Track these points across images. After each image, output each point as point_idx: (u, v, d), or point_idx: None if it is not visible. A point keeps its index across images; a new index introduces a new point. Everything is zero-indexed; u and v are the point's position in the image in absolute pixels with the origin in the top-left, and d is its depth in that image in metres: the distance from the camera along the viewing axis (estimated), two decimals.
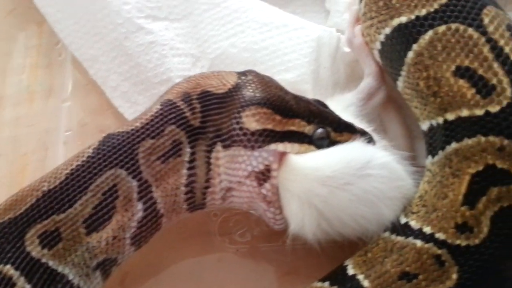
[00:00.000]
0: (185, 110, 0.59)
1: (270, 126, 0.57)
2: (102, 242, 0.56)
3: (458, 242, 0.52)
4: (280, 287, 0.67)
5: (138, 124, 0.58)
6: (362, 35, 0.67)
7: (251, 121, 0.57)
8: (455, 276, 0.52)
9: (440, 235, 0.53)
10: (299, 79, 0.71)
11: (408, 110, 0.63)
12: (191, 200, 0.60)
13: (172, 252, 0.68)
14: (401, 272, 0.54)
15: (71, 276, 0.55)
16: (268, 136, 0.57)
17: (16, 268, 0.53)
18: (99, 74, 0.74)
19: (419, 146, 0.67)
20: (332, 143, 0.59)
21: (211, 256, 0.69)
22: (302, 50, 0.71)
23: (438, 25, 0.55)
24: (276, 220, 0.61)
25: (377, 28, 0.62)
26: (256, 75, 0.62)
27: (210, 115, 0.59)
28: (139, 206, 0.57)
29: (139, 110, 0.67)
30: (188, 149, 0.59)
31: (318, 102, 0.63)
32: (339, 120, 0.61)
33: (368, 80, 0.68)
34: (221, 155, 0.59)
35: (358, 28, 0.68)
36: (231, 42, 0.72)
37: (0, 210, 0.56)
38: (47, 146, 0.76)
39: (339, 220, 0.56)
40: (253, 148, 0.58)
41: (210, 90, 0.60)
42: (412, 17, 0.57)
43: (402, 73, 0.59)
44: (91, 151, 0.57)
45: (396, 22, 0.58)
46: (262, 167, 0.58)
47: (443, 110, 0.55)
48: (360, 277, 0.55)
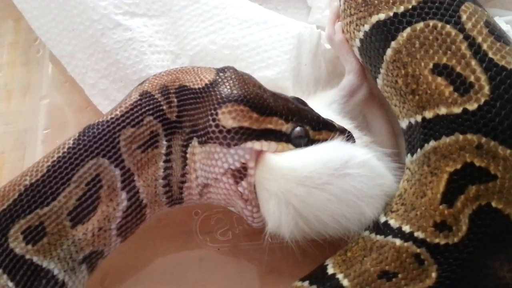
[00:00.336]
0: (162, 103, 0.59)
1: (246, 124, 0.57)
2: (88, 234, 0.56)
3: (437, 240, 0.52)
4: (262, 286, 0.67)
5: (118, 113, 0.58)
6: (343, 32, 0.66)
7: (228, 118, 0.57)
8: (434, 274, 0.52)
9: (419, 234, 0.53)
10: (280, 76, 0.70)
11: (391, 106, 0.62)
12: (169, 194, 0.60)
13: (153, 252, 0.68)
14: (380, 271, 0.53)
15: (56, 271, 0.55)
16: (244, 134, 0.57)
17: None
18: (76, 71, 0.74)
19: (403, 142, 0.66)
20: (311, 141, 0.59)
21: (193, 255, 0.68)
22: (282, 47, 0.71)
23: (416, 22, 0.55)
24: (253, 218, 0.60)
25: (356, 25, 0.61)
26: (235, 72, 0.61)
27: (186, 109, 0.59)
28: (123, 195, 0.57)
29: None
30: (165, 142, 0.59)
31: (297, 100, 0.62)
32: (318, 118, 0.60)
33: (349, 77, 0.68)
34: (197, 151, 0.59)
35: (338, 25, 0.67)
36: (210, 39, 0.72)
37: None
38: (25, 145, 0.76)
39: (317, 219, 0.56)
40: (229, 145, 0.57)
41: (187, 84, 0.60)
42: (390, 14, 0.57)
43: (381, 70, 0.59)
44: (71, 142, 0.57)
45: (374, 19, 0.58)
46: (238, 165, 0.57)
47: (421, 108, 0.54)
48: (340, 276, 0.55)
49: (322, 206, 0.55)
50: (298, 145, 0.58)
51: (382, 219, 0.56)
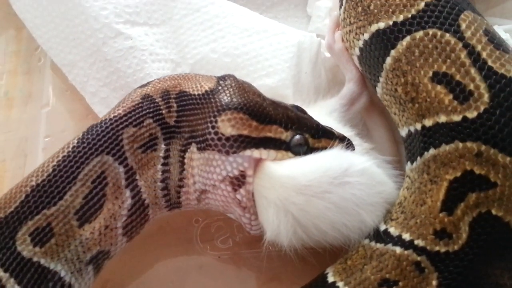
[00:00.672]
0: (162, 107, 0.60)
1: (245, 132, 0.57)
2: (95, 233, 0.56)
3: (437, 248, 0.52)
4: None
5: (121, 112, 0.59)
6: (342, 40, 0.66)
7: (227, 126, 0.57)
8: (435, 282, 0.52)
9: (419, 242, 0.53)
10: (280, 84, 0.71)
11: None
12: (167, 197, 0.61)
13: (154, 259, 0.68)
14: (381, 279, 0.53)
15: (63, 273, 0.55)
16: (243, 142, 0.57)
17: (6, 270, 0.52)
18: (78, 80, 0.74)
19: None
20: (310, 149, 0.59)
21: (193, 263, 0.68)
22: (282, 55, 0.71)
23: (416, 30, 0.55)
24: (251, 226, 0.60)
25: (356, 34, 0.62)
26: (235, 80, 0.61)
27: (185, 115, 0.60)
28: (127, 193, 0.58)
29: None
30: (163, 145, 0.59)
31: (296, 108, 0.62)
32: (317, 126, 0.60)
33: (349, 86, 0.68)
34: (195, 157, 0.59)
35: (338, 34, 0.68)
36: (211, 48, 0.72)
37: None
38: (26, 153, 0.76)
39: (316, 228, 0.55)
40: (227, 153, 0.57)
41: (187, 90, 0.60)
42: (390, 23, 0.57)
43: (381, 79, 0.59)
44: (76, 141, 0.57)
45: (374, 28, 0.58)
46: (236, 172, 0.58)
47: (421, 116, 0.55)
48: (340, 284, 0.55)
49: (321, 214, 0.55)
50: (297, 153, 0.58)
51: (382, 227, 0.56)
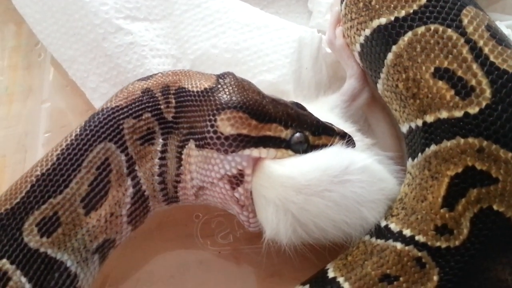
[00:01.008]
0: (160, 102, 0.60)
1: (245, 131, 0.57)
2: (101, 220, 0.57)
3: (438, 244, 0.52)
4: None
5: (122, 103, 0.59)
6: (343, 36, 0.66)
7: (226, 125, 0.57)
8: (436, 278, 0.52)
9: (420, 238, 0.53)
10: (281, 79, 0.70)
11: None
12: (164, 192, 0.61)
13: (153, 255, 0.68)
14: (381, 275, 0.53)
15: (69, 263, 0.55)
16: (242, 141, 0.57)
17: (12, 262, 0.53)
18: (78, 75, 0.74)
19: None
20: (310, 147, 0.58)
21: (193, 258, 0.68)
22: (283, 50, 0.71)
23: (417, 26, 0.55)
24: (250, 223, 0.61)
25: (357, 29, 0.61)
26: (234, 78, 0.61)
27: (183, 111, 0.60)
28: (129, 181, 0.58)
29: None
30: (161, 140, 0.60)
31: (296, 104, 0.62)
32: (318, 123, 0.60)
33: (351, 82, 0.68)
34: (193, 154, 0.59)
35: (339, 29, 0.67)
36: (212, 43, 0.72)
37: None
38: (26, 148, 0.76)
39: (316, 226, 0.55)
40: (226, 152, 0.57)
41: (186, 87, 0.60)
42: (392, 18, 0.57)
43: (382, 75, 0.59)
44: (78, 129, 0.58)
45: (375, 23, 0.58)
46: (235, 171, 0.58)
47: (422, 112, 0.54)
48: (340, 279, 0.55)
49: (321, 212, 0.55)
50: (297, 151, 0.58)
51: (383, 223, 0.56)
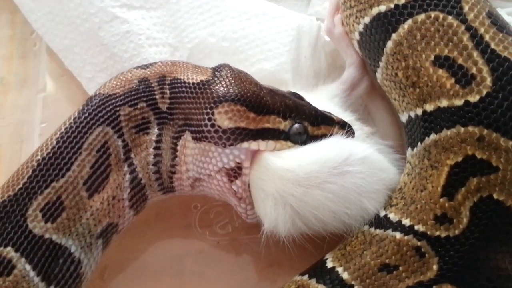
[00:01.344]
0: (156, 92, 0.60)
1: (243, 124, 0.56)
2: (104, 203, 0.57)
3: (437, 233, 0.52)
4: (261, 279, 0.67)
5: (119, 91, 0.59)
6: (342, 24, 0.66)
7: (224, 118, 0.56)
8: (435, 267, 0.52)
9: (419, 227, 0.53)
10: (279, 68, 0.70)
11: None
12: (159, 181, 0.61)
13: (152, 245, 0.68)
14: (381, 264, 0.53)
15: (73, 249, 0.55)
16: (240, 135, 0.56)
17: (17, 250, 0.53)
18: (74, 65, 0.73)
19: None
20: (310, 137, 0.58)
21: (192, 248, 0.68)
22: (282, 39, 0.70)
23: (418, 13, 0.54)
24: (247, 215, 0.60)
25: (356, 17, 0.61)
26: (231, 70, 0.60)
27: (177, 102, 0.59)
28: (126, 167, 0.59)
29: None
30: (156, 130, 0.60)
31: (294, 94, 0.61)
32: (316, 113, 0.59)
33: (350, 71, 0.67)
34: (190, 145, 0.59)
35: (338, 17, 0.66)
36: (209, 31, 0.71)
37: (1, 190, 0.55)
38: (22, 138, 0.75)
39: (316, 218, 0.55)
40: (224, 145, 0.57)
41: (181, 78, 0.60)
42: (391, 5, 0.56)
43: (381, 64, 0.58)
44: (76, 113, 0.58)
45: (375, 11, 0.58)
46: (233, 164, 0.57)
47: (422, 101, 0.54)
48: (339, 269, 0.55)
49: (320, 204, 0.55)
50: (296, 142, 0.58)
51: (382, 213, 0.56)
